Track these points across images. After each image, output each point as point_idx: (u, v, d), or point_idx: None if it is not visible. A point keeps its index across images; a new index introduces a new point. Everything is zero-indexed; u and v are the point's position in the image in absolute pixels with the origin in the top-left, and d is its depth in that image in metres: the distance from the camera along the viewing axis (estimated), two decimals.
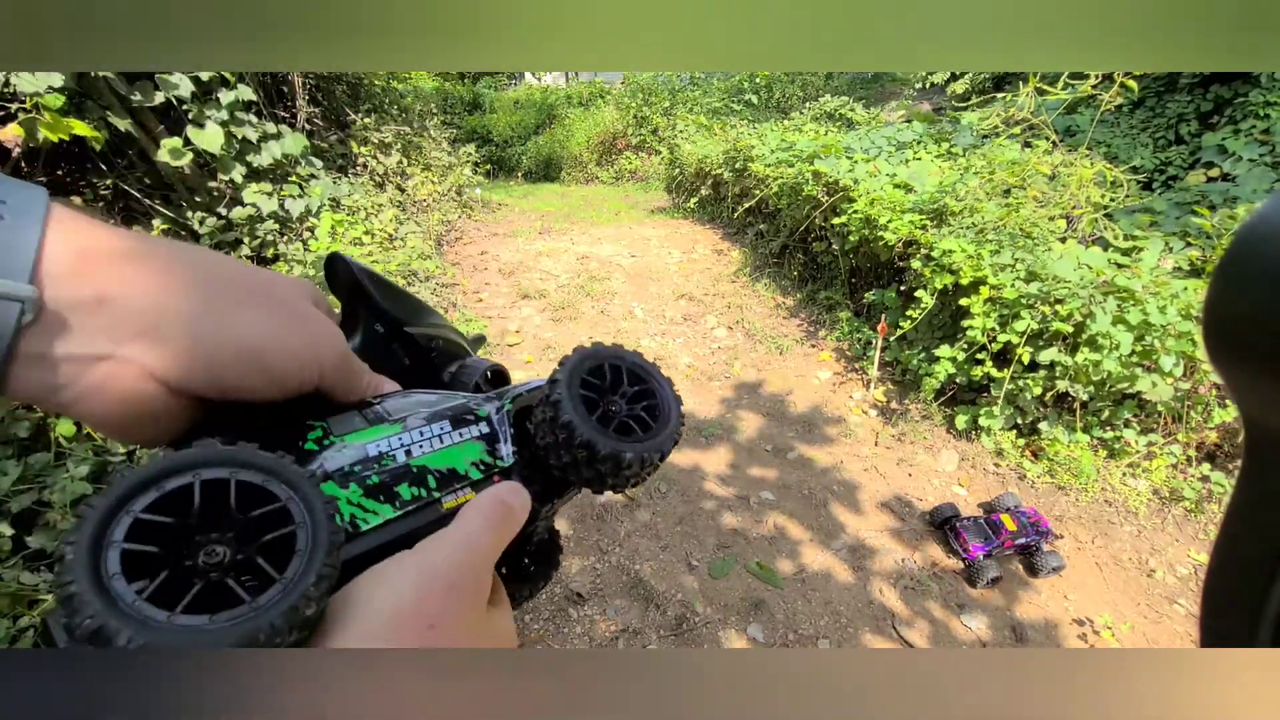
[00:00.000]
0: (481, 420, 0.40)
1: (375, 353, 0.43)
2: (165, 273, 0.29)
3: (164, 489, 0.25)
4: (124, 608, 0.22)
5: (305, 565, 0.26)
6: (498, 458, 0.39)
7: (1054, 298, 2.66)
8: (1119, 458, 2.80)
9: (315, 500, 0.28)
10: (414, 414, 0.38)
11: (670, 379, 0.43)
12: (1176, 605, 2.23)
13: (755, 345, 4.04)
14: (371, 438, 0.35)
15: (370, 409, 0.38)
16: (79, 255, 0.27)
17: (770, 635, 2.08)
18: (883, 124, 6.48)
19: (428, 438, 0.37)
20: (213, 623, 0.23)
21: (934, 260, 3.11)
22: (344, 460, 0.34)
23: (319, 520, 0.27)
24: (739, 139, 6.21)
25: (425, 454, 0.36)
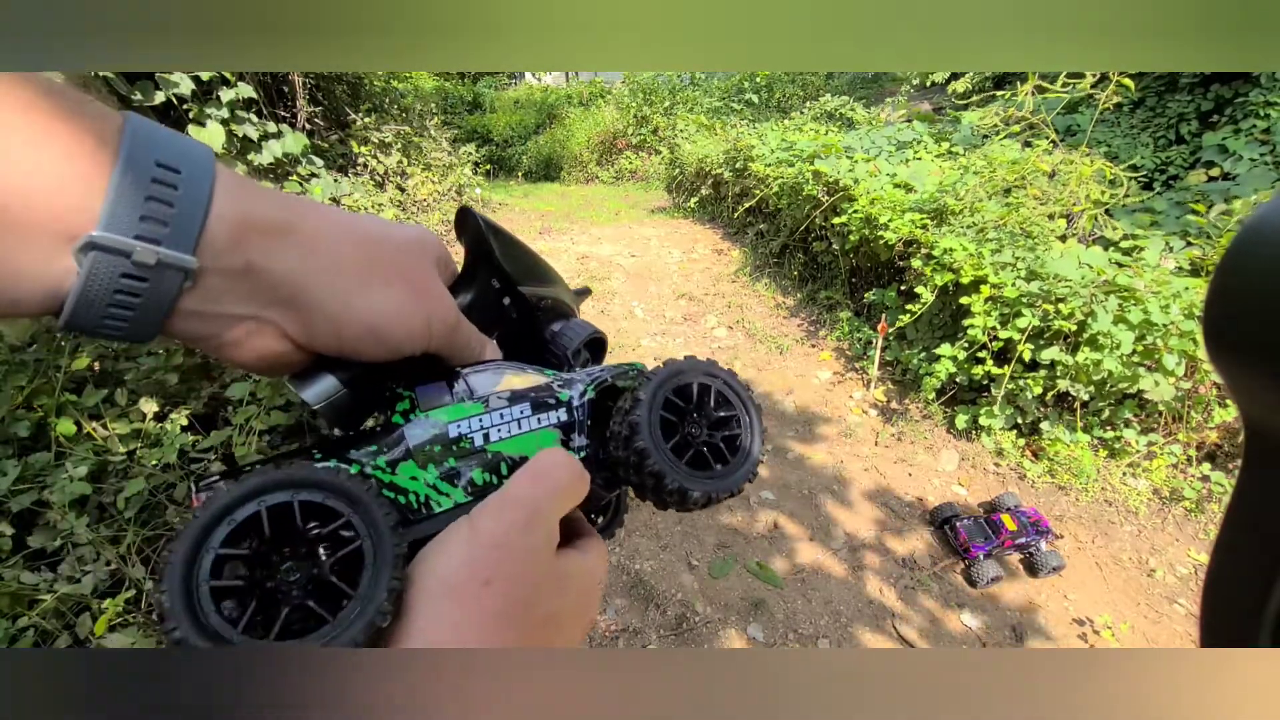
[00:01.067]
0: (561, 406, 0.40)
1: (486, 307, 0.44)
2: (306, 247, 0.33)
3: (235, 521, 0.27)
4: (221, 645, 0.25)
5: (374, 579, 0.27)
6: (570, 448, 0.39)
7: (1055, 296, 2.66)
8: (1119, 457, 2.80)
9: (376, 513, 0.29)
10: (498, 394, 0.39)
11: (759, 406, 0.41)
12: (1176, 605, 2.23)
13: (755, 345, 4.04)
14: (454, 417, 0.37)
15: (458, 381, 0.39)
16: (236, 226, 0.30)
17: (770, 635, 2.08)
18: (882, 124, 6.48)
19: (507, 421, 0.38)
20: None
21: (934, 259, 3.10)
22: (425, 437, 0.35)
23: (382, 534, 0.28)
24: (739, 139, 6.20)
25: (502, 439, 0.37)
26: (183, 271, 0.28)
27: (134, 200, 0.27)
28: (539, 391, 0.40)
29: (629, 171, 10.22)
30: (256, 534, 0.27)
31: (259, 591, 0.27)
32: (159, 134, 0.29)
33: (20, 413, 1.65)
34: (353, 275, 0.34)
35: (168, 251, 0.28)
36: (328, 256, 0.33)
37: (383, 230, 0.37)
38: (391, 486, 0.33)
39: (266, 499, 0.27)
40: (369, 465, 0.34)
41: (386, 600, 0.27)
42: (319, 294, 0.33)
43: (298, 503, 0.28)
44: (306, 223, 0.33)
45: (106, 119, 0.28)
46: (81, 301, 0.27)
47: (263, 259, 0.31)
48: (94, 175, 0.26)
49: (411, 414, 0.36)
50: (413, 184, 5.79)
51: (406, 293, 0.36)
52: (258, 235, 0.31)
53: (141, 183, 0.27)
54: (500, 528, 0.31)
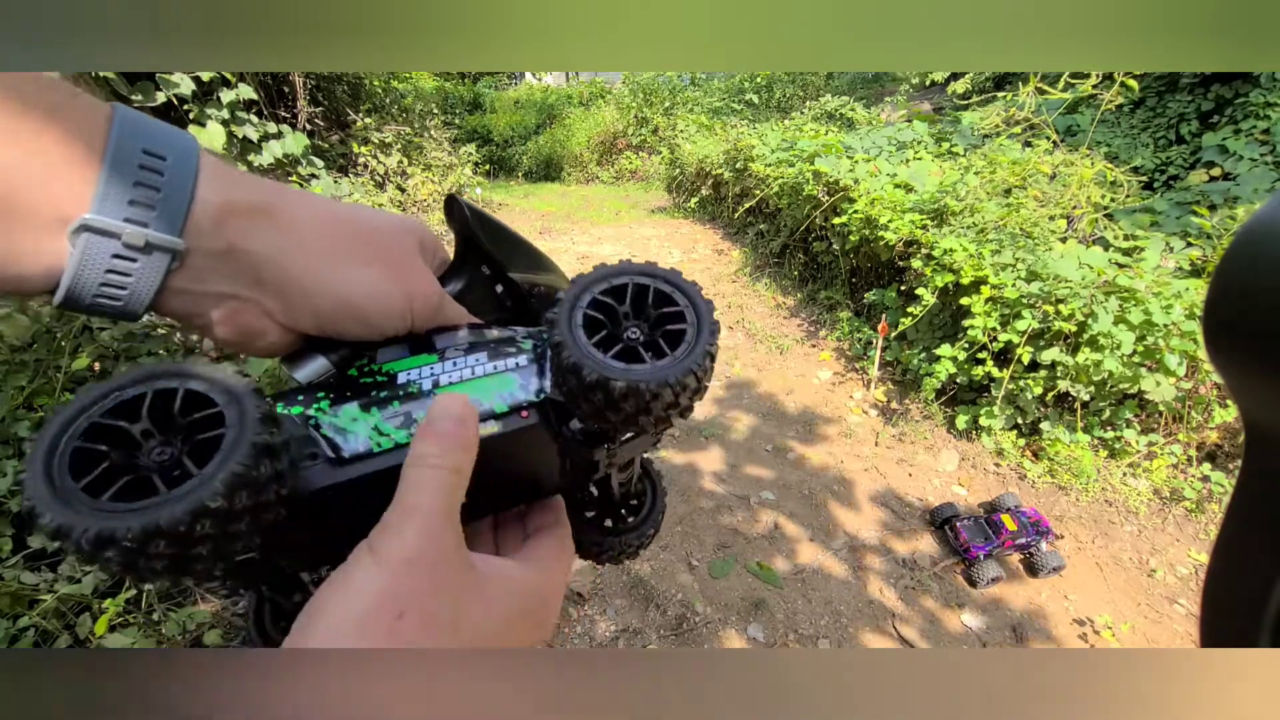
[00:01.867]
0: (523, 352, 0.38)
1: (477, 294, 0.44)
2: (284, 228, 0.34)
3: (121, 398, 0.28)
4: (58, 494, 0.25)
5: (220, 463, 0.26)
6: (529, 391, 0.37)
7: (1055, 297, 2.66)
8: (1119, 458, 2.80)
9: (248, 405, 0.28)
10: (456, 345, 0.39)
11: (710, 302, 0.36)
12: (1177, 605, 2.23)
13: (755, 345, 4.04)
14: (405, 367, 0.37)
15: (419, 340, 0.39)
16: (219, 209, 0.32)
17: (770, 635, 2.08)
18: (883, 124, 6.48)
19: (460, 368, 0.37)
20: (127, 507, 0.25)
21: (934, 259, 3.10)
22: (371, 383, 0.36)
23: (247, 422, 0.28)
24: (739, 139, 6.20)
25: (450, 383, 0.36)
26: (170, 252, 0.30)
27: (123, 186, 0.29)
28: (500, 341, 0.39)
29: (629, 171, 10.22)
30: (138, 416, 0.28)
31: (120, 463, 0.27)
32: (146, 124, 0.31)
33: (21, 413, 1.65)
34: (328, 254, 0.35)
35: (155, 233, 0.30)
36: (304, 237, 0.34)
37: (365, 214, 0.38)
38: (330, 426, 0.34)
39: (156, 384, 0.28)
40: (311, 406, 0.34)
41: (221, 484, 0.26)
42: (294, 271, 0.34)
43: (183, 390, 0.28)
44: (286, 206, 0.34)
45: (96, 110, 0.30)
46: (76, 280, 0.29)
47: (242, 240, 0.32)
48: (86, 163, 0.28)
49: (365, 367, 0.37)
50: (413, 184, 5.80)
51: (383, 271, 0.37)
52: (238, 217, 0.32)
53: (129, 169, 0.29)
54: (406, 544, 0.28)
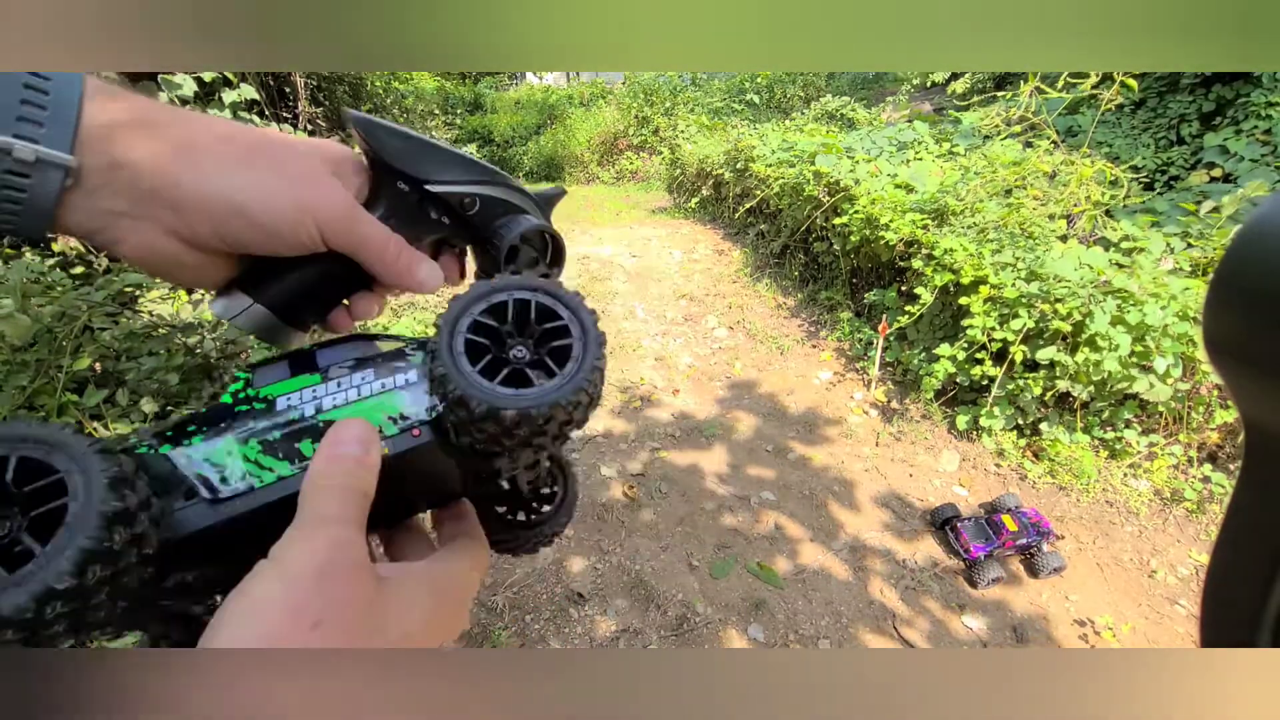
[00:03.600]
0: (411, 368, 0.36)
1: (406, 218, 0.41)
2: (176, 140, 0.34)
3: None
4: None
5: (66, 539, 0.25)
6: (420, 409, 0.35)
7: (1053, 297, 2.66)
8: (1120, 458, 2.79)
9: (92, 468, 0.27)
10: (341, 362, 0.36)
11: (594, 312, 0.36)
12: (1177, 606, 2.23)
13: (756, 345, 4.04)
14: (285, 390, 0.35)
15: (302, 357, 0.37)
16: (108, 125, 0.32)
17: (771, 635, 2.08)
18: (883, 124, 6.48)
19: (344, 389, 0.35)
20: None
21: (935, 259, 3.10)
22: (247, 412, 0.34)
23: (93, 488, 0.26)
24: (740, 139, 6.20)
25: (335, 406, 0.34)
26: (62, 169, 0.31)
27: (9, 106, 0.30)
28: (387, 357, 0.37)
29: (630, 172, 10.22)
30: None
31: None
32: None
33: (22, 413, 1.65)
34: (218, 160, 0.35)
35: (45, 149, 0.30)
36: (194, 147, 0.34)
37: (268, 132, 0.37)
38: (206, 464, 0.32)
39: None
40: (183, 444, 0.32)
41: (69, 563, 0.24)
42: (183, 180, 0.33)
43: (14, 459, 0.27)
44: (176, 121, 0.34)
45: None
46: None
47: (128, 152, 0.33)
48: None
49: (242, 393, 0.35)
50: None
51: (279, 178, 0.36)
52: (125, 131, 0.33)
53: (14, 91, 0.30)
54: (319, 553, 0.28)
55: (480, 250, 0.44)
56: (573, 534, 2.45)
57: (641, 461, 2.89)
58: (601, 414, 3.25)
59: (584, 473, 2.79)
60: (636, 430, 3.12)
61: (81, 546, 0.25)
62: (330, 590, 0.27)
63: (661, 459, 2.91)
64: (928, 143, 5.04)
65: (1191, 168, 5.38)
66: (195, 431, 0.33)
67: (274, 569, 0.28)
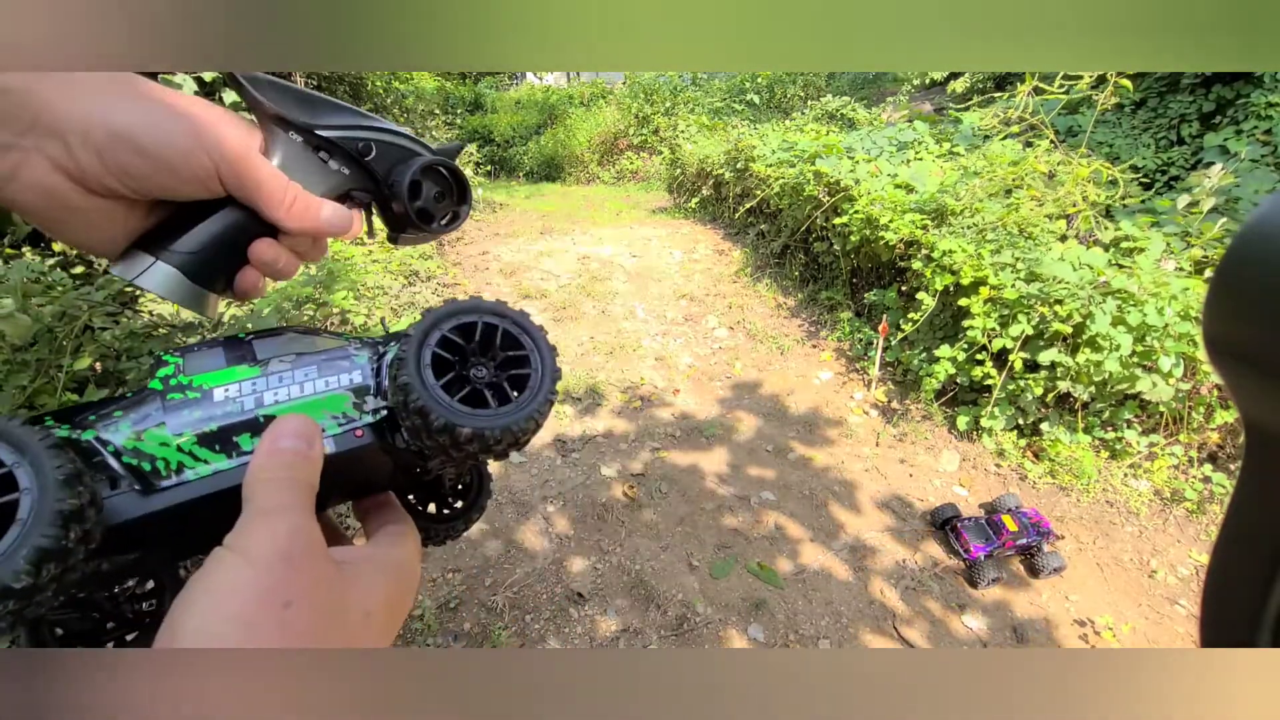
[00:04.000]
0: (356, 369, 0.37)
1: (302, 167, 0.39)
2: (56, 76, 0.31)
3: None
4: None
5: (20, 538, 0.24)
6: (364, 411, 0.36)
7: (1053, 298, 2.66)
8: (1120, 458, 2.79)
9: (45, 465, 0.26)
10: (282, 355, 0.36)
11: (554, 347, 0.37)
12: (1178, 606, 2.23)
13: (756, 345, 4.04)
14: (222, 381, 0.34)
15: (238, 346, 0.36)
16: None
17: (771, 635, 2.08)
18: (883, 124, 6.48)
19: (286, 385, 0.35)
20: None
21: (934, 260, 3.10)
22: (181, 401, 0.33)
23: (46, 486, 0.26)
24: (740, 139, 6.20)
25: (278, 403, 0.34)
26: None
27: None
28: (331, 355, 0.37)
29: (630, 172, 10.22)
30: None
31: None
32: None
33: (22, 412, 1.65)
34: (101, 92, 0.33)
35: None
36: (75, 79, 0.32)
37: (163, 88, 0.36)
38: (135, 454, 0.31)
39: None
40: (107, 431, 0.31)
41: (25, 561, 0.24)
42: (65, 106, 0.31)
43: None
44: None
45: None
46: None
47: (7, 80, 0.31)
48: None
49: (173, 379, 0.34)
50: None
51: (168, 111, 0.34)
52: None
53: None
54: (281, 540, 0.28)
55: (384, 200, 0.43)
56: (573, 534, 2.45)
57: (642, 461, 2.89)
58: (602, 414, 3.25)
59: (584, 472, 2.80)
60: (637, 430, 3.12)
61: (38, 545, 0.24)
62: (297, 573, 0.28)
63: (662, 459, 2.91)
64: (928, 143, 5.04)
65: (1191, 168, 5.38)
66: (121, 417, 0.32)
67: (236, 556, 0.28)
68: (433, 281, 4.49)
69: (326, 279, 3.15)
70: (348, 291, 3.21)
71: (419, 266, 4.46)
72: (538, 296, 4.69)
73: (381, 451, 0.36)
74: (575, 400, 3.34)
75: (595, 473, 2.80)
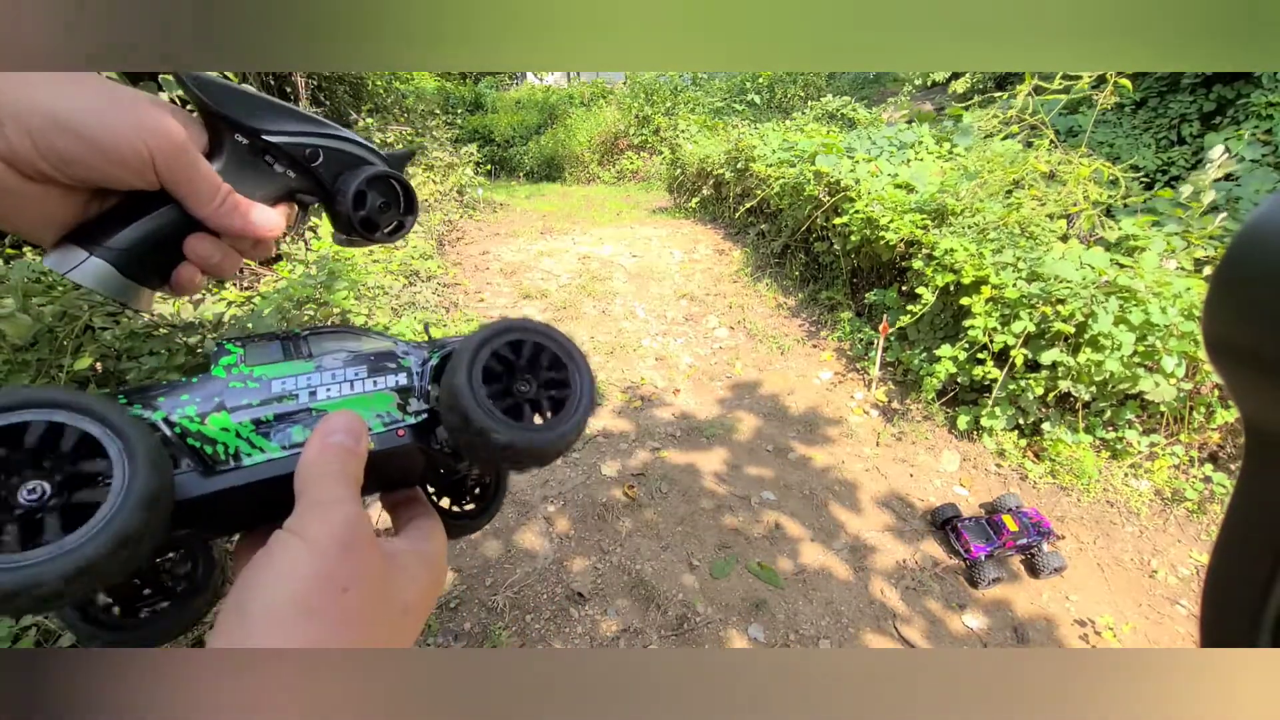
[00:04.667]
0: (402, 371, 0.39)
1: (246, 170, 0.39)
2: None
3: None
4: None
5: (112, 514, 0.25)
6: (407, 412, 0.38)
7: (1055, 298, 2.66)
8: (1121, 458, 2.79)
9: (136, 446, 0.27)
10: (334, 354, 0.38)
11: (594, 377, 0.40)
12: (1178, 606, 2.23)
13: (756, 345, 4.04)
14: (280, 373, 0.36)
15: (297, 343, 0.38)
16: None
17: (771, 635, 2.08)
18: (884, 124, 6.47)
19: (339, 381, 0.37)
20: None
21: (935, 259, 3.10)
22: (242, 389, 0.35)
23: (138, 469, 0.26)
24: (741, 139, 6.20)
25: (330, 398, 0.36)
26: None
27: None
28: (380, 356, 0.39)
29: (630, 172, 10.22)
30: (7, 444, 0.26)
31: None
32: None
33: None
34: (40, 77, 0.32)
35: None
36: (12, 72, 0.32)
37: None
38: (199, 436, 0.32)
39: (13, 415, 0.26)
40: (175, 413, 0.32)
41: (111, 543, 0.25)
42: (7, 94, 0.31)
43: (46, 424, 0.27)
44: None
45: None
46: None
47: None
48: None
49: (235, 368, 0.35)
50: (414, 184, 5.80)
51: (108, 99, 0.34)
52: None
53: None
54: (338, 529, 0.30)
55: (330, 205, 0.43)
56: (573, 533, 2.45)
57: (642, 461, 2.89)
58: (603, 413, 3.25)
59: (585, 472, 2.80)
60: (637, 430, 3.12)
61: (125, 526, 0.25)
62: (355, 561, 0.30)
63: (662, 459, 2.91)
64: (928, 143, 5.04)
65: (1192, 168, 5.38)
66: (188, 401, 0.33)
67: (297, 541, 0.29)
68: (433, 281, 4.49)
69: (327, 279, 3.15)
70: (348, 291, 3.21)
71: (419, 266, 4.46)
72: (538, 296, 4.69)
73: (419, 451, 0.38)
74: None
75: (595, 472, 2.80)
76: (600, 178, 10.41)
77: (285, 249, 3.76)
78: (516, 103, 12.70)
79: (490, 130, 11.79)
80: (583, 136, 10.81)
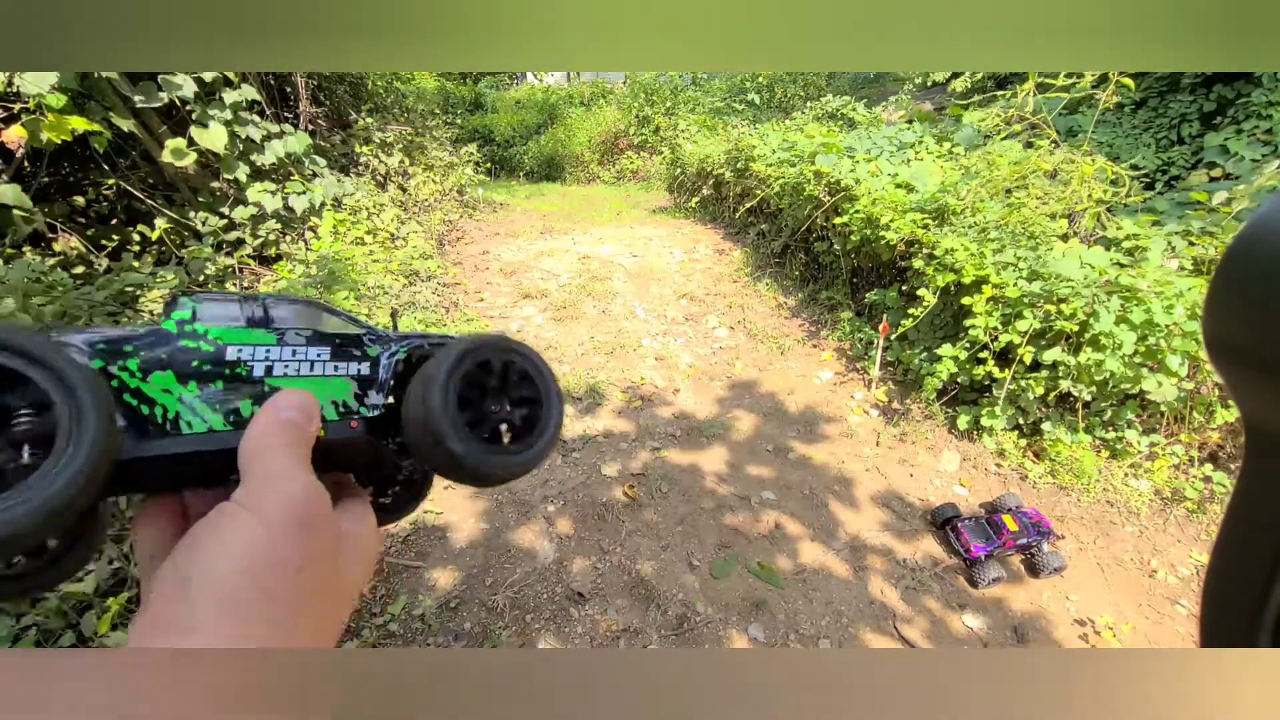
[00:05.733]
0: (366, 360, 0.37)
1: None
2: None
3: None
4: None
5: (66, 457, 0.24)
6: (364, 404, 0.37)
7: (1057, 297, 2.66)
8: (1121, 458, 2.79)
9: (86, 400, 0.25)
10: (299, 329, 0.36)
11: (561, 394, 0.39)
12: (1178, 606, 2.23)
13: (756, 345, 4.04)
14: (237, 340, 0.33)
15: (256, 306, 0.35)
16: None
17: (771, 635, 2.08)
18: (884, 124, 6.47)
19: (299, 360, 0.35)
20: None
21: (936, 259, 3.10)
22: (193, 351, 0.32)
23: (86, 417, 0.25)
24: (741, 139, 6.20)
25: (286, 375, 0.34)
26: None
27: None
28: (345, 340, 0.37)
29: (630, 171, 10.22)
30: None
31: None
32: None
33: None
34: None
35: None
36: None
37: None
38: (136, 393, 0.30)
39: None
40: (114, 364, 0.30)
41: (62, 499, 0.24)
42: None
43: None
44: None
45: None
46: None
47: None
48: None
49: (188, 324, 0.33)
50: (414, 184, 5.80)
51: None
52: None
53: None
54: (296, 506, 0.29)
55: None
56: (573, 533, 2.45)
57: (642, 461, 2.89)
58: (603, 413, 3.25)
59: (585, 472, 2.80)
60: (637, 430, 3.12)
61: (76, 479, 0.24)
62: (310, 540, 0.29)
63: (662, 458, 2.91)
64: (928, 142, 5.04)
65: (1192, 167, 5.38)
66: (131, 353, 0.31)
67: (248, 515, 0.28)
68: (433, 281, 4.49)
69: (327, 279, 3.15)
70: (348, 291, 3.21)
71: (419, 266, 4.46)
72: (538, 296, 4.69)
73: (368, 444, 0.37)
74: (576, 400, 3.34)
75: (595, 472, 2.80)
76: (600, 177, 10.41)
77: (285, 249, 3.76)
78: (516, 103, 12.71)
79: (490, 130, 11.79)
80: (583, 136, 10.81)
